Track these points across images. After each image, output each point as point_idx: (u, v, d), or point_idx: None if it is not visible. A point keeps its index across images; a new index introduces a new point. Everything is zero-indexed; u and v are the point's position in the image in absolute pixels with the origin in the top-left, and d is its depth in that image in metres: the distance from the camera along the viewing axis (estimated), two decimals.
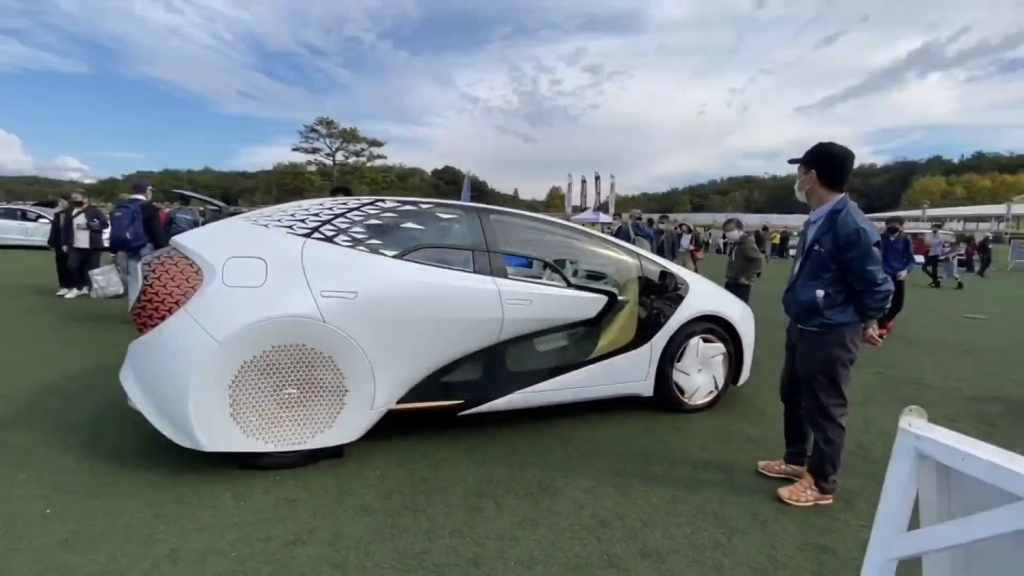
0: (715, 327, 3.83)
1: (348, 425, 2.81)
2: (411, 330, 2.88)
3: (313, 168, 60.74)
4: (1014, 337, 7.18)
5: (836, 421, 2.55)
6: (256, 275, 2.65)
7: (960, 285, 14.28)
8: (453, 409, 3.13)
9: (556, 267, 3.52)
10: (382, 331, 2.80)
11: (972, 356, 5.98)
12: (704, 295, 3.86)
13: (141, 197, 6.41)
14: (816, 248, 2.55)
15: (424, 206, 3.26)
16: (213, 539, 2.15)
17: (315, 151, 59.46)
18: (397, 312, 2.84)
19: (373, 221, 3.03)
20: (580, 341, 3.45)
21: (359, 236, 2.94)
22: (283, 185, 63.34)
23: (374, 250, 2.92)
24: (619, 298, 3.49)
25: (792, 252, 32.40)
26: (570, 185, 34.39)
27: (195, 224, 8.93)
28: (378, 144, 61.37)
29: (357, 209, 3.04)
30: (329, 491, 2.57)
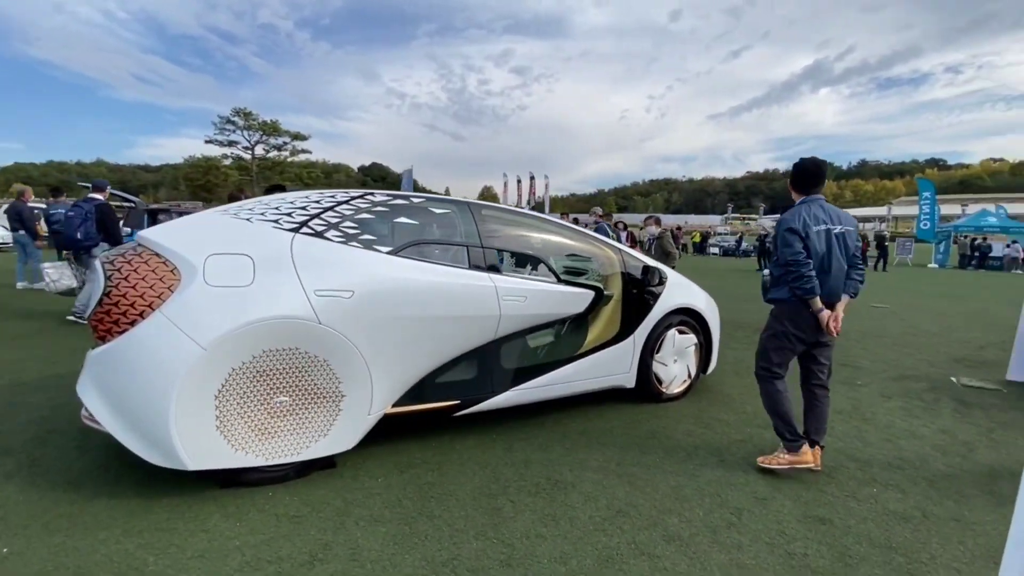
0: (688, 319, 4.01)
1: (344, 433, 2.64)
2: (409, 330, 2.76)
3: (229, 162, 56.39)
4: (916, 323, 8.14)
5: (767, 382, 2.89)
6: (243, 273, 2.42)
7: None
8: (450, 410, 3.03)
9: (546, 262, 3.51)
10: (379, 332, 2.66)
11: (887, 340, 6.70)
12: (679, 288, 4.02)
13: (99, 197, 6.24)
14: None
15: (416, 200, 3.13)
16: (216, 566, 1.94)
17: (232, 144, 55.12)
18: (395, 311, 2.70)
19: (364, 215, 2.87)
20: (570, 336, 3.47)
21: (351, 231, 2.76)
22: (193, 180, 58.33)
23: (368, 246, 2.76)
24: (605, 293, 3.56)
25: (713, 250, 34.94)
26: (505, 184, 34.56)
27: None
28: (302, 138, 58.01)
29: (346, 202, 2.86)
30: (332, 504, 2.40)
